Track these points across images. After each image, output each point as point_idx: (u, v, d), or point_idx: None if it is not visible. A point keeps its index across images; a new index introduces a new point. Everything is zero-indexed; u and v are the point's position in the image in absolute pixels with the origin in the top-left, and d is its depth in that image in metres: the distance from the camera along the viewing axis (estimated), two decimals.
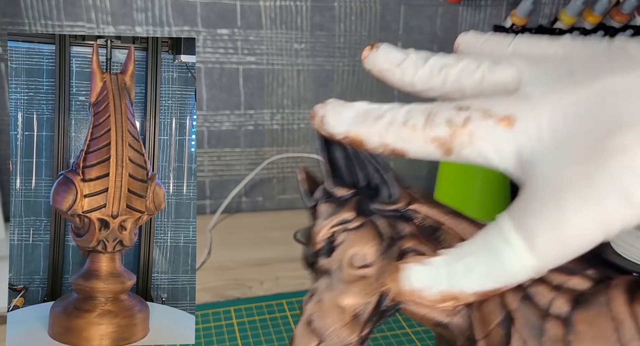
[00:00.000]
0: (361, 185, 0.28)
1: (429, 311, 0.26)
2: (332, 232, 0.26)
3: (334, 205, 0.27)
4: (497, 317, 0.25)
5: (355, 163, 0.28)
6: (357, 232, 0.26)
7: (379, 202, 0.27)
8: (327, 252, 0.27)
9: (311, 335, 0.25)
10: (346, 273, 0.26)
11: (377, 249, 0.26)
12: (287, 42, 0.85)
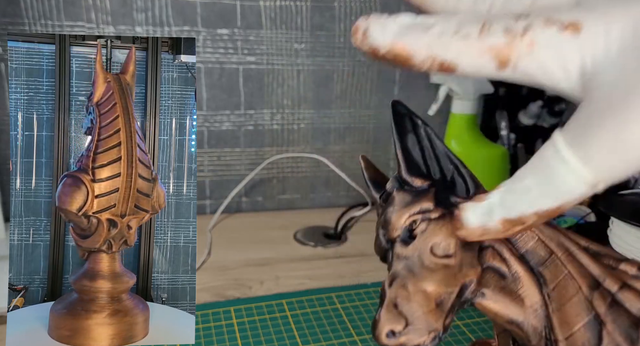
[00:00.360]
0: (436, 178, 0.28)
1: (504, 308, 0.26)
2: (412, 220, 0.27)
3: (412, 195, 0.27)
4: (582, 319, 0.25)
5: (431, 154, 0.28)
6: (439, 222, 0.26)
7: (458, 196, 0.27)
8: (406, 239, 0.27)
9: (398, 317, 0.25)
10: (429, 260, 0.26)
11: (459, 241, 0.26)
12: (287, 42, 0.85)
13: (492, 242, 0.26)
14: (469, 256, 0.26)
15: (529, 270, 0.26)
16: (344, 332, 0.56)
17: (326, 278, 0.68)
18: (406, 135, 0.28)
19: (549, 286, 0.26)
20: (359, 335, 0.55)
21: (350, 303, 0.62)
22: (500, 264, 0.26)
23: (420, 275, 0.26)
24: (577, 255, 0.26)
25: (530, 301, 0.26)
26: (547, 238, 0.26)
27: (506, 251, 0.26)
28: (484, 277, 0.26)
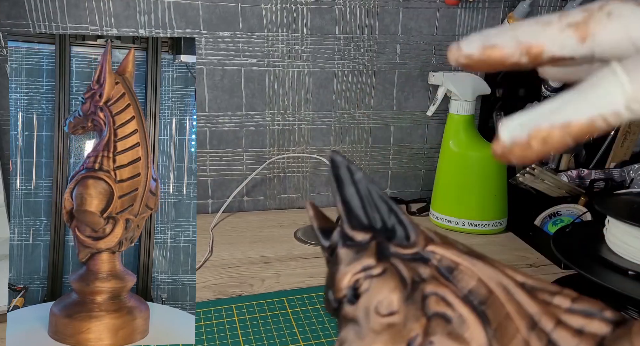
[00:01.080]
0: (377, 227, 0.27)
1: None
2: (355, 279, 0.26)
3: (354, 250, 0.27)
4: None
5: (370, 204, 0.27)
6: (381, 279, 0.26)
7: (397, 245, 0.27)
8: (351, 298, 0.26)
9: None
10: (373, 321, 0.25)
11: (402, 295, 0.25)
12: (288, 44, 0.83)
13: (435, 289, 0.26)
14: (413, 308, 0.25)
15: (473, 310, 0.25)
16: None
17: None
18: (345, 186, 0.27)
19: (492, 326, 0.25)
20: None
21: None
22: (445, 309, 0.25)
23: (367, 338, 0.25)
24: (515, 293, 0.25)
25: (476, 343, 0.25)
26: (486, 277, 0.26)
27: (450, 294, 0.25)
28: (430, 326, 0.25)
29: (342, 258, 0.27)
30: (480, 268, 0.26)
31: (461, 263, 0.26)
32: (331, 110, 0.89)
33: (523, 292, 0.25)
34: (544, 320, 0.24)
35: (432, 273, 0.26)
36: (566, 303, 0.25)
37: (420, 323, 0.25)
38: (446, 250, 0.26)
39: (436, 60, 0.90)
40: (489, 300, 0.25)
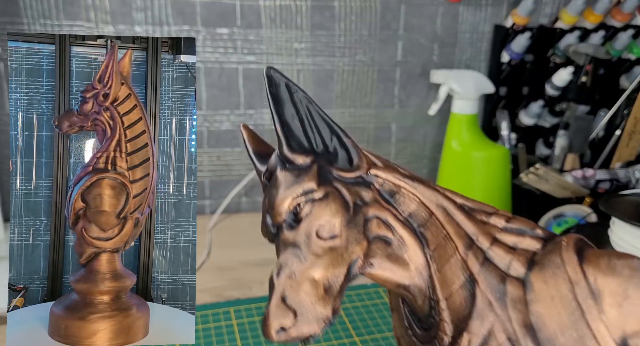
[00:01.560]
0: (318, 150, 0.28)
1: (392, 274, 0.27)
2: (296, 203, 0.26)
3: (295, 174, 0.27)
4: (459, 279, 0.26)
5: (311, 125, 0.27)
6: (323, 203, 0.26)
7: (340, 169, 0.27)
8: (291, 223, 0.27)
9: (286, 311, 0.25)
10: (315, 244, 0.26)
11: (344, 219, 0.26)
12: (287, 41, 0.85)
13: (377, 212, 0.27)
14: (355, 232, 0.26)
15: (413, 233, 0.27)
16: (344, 333, 0.56)
17: None
18: (283, 106, 0.27)
19: (430, 247, 0.27)
20: (359, 335, 0.56)
21: (350, 303, 0.62)
22: (386, 232, 0.27)
23: (308, 262, 0.26)
24: (454, 214, 0.27)
25: (415, 264, 0.27)
26: (426, 199, 0.27)
27: (390, 217, 0.27)
28: (370, 249, 0.27)
29: (281, 182, 0.27)
30: (421, 191, 0.27)
31: (403, 186, 0.27)
32: (331, 108, 0.90)
33: (462, 213, 0.27)
34: (481, 239, 0.26)
35: (374, 197, 0.27)
36: (501, 223, 0.27)
37: (361, 246, 0.26)
38: (388, 173, 0.27)
39: (439, 58, 0.92)
40: (428, 222, 0.27)
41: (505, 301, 0.25)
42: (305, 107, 0.27)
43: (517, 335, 0.24)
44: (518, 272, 0.25)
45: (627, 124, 0.82)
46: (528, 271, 0.25)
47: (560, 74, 0.86)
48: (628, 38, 0.87)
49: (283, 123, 0.27)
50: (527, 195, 0.81)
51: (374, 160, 0.28)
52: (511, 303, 0.25)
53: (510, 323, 0.24)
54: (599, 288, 0.24)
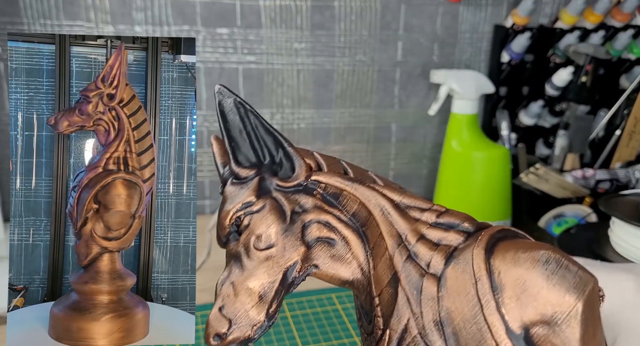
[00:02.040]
0: (265, 162, 0.29)
1: (336, 272, 0.29)
2: (236, 217, 0.28)
3: (238, 187, 0.29)
4: (387, 276, 0.27)
5: (258, 139, 0.29)
6: (260, 214, 0.28)
7: (281, 179, 0.29)
8: (235, 235, 0.29)
9: (222, 320, 0.27)
10: (253, 255, 0.28)
11: (280, 228, 0.28)
12: (287, 41, 0.85)
13: (317, 216, 0.28)
14: (292, 239, 0.28)
15: (356, 232, 0.28)
16: (344, 333, 0.57)
17: None
18: (231, 121, 0.28)
19: (370, 245, 0.28)
20: (359, 335, 0.56)
21: (350, 303, 0.62)
22: (328, 233, 0.28)
23: (246, 272, 0.28)
24: (389, 214, 0.28)
25: (357, 262, 0.29)
26: (365, 200, 0.28)
27: (333, 220, 0.28)
28: (312, 252, 0.28)
29: (227, 196, 0.29)
30: (361, 192, 0.29)
31: (344, 188, 0.29)
32: (331, 108, 0.90)
33: (396, 211, 0.28)
34: (409, 236, 0.27)
35: (314, 203, 0.28)
36: (432, 218, 0.28)
37: (298, 252, 0.28)
38: (330, 177, 0.29)
39: (439, 58, 0.92)
40: (368, 221, 0.28)
41: (420, 298, 0.26)
42: (251, 121, 0.28)
43: (427, 330, 0.25)
44: (436, 269, 0.26)
45: (627, 124, 0.82)
46: (445, 268, 0.26)
47: (560, 74, 0.86)
48: (628, 38, 0.87)
49: (230, 138, 0.29)
50: (527, 195, 0.82)
51: (321, 164, 0.30)
52: (425, 299, 0.26)
53: (422, 319, 0.26)
54: (502, 282, 0.24)
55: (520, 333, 0.24)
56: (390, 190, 0.29)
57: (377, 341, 0.28)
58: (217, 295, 0.28)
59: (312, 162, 0.29)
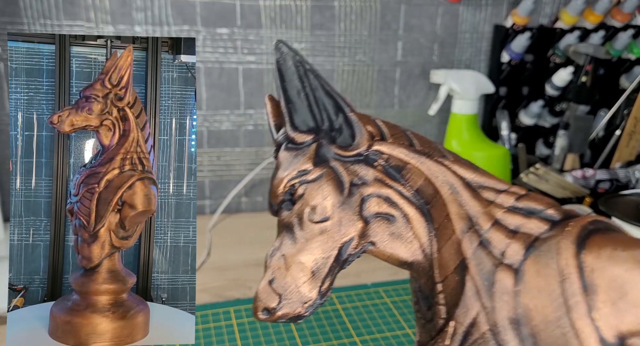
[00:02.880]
0: (323, 127, 0.27)
1: (394, 251, 0.26)
2: (291, 185, 0.26)
3: (293, 154, 0.26)
4: (454, 262, 0.25)
5: (317, 102, 0.26)
6: (316, 184, 0.26)
7: (340, 147, 0.26)
8: (288, 204, 0.26)
9: (272, 294, 0.26)
10: (306, 228, 0.26)
11: (337, 200, 0.26)
12: (287, 41, 0.85)
13: (377, 190, 0.26)
14: (349, 213, 0.26)
15: (419, 210, 0.26)
16: (343, 333, 0.56)
17: None
18: (290, 82, 0.26)
19: (434, 225, 0.26)
20: (359, 335, 0.56)
21: (350, 303, 0.62)
22: (388, 209, 0.26)
23: (298, 245, 0.26)
24: (459, 193, 0.25)
25: (419, 242, 0.26)
26: (432, 176, 0.26)
27: (395, 194, 0.26)
28: (370, 228, 0.26)
29: (282, 162, 0.27)
30: (428, 166, 0.26)
31: (409, 161, 0.26)
32: None
33: (468, 191, 0.25)
34: (481, 220, 0.24)
35: (375, 175, 0.26)
36: (509, 201, 0.25)
37: (355, 227, 0.26)
38: (394, 148, 0.26)
39: (438, 58, 0.92)
40: (434, 199, 0.26)
41: (492, 291, 0.23)
42: (311, 82, 0.26)
43: (500, 327, 0.23)
44: (512, 259, 0.23)
45: (627, 124, 0.82)
46: (523, 259, 0.23)
47: (560, 74, 0.86)
48: (628, 38, 0.87)
49: (287, 99, 0.26)
50: None
51: (384, 133, 0.27)
52: (498, 293, 0.23)
53: (494, 315, 0.23)
54: (595, 282, 0.21)
55: (615, 343, 0.21)
56: (461, 166, 0.26)
57: (439, 330, 0.25)
58: (266, 267, 0.26)
59: (374, 130, 0.27)
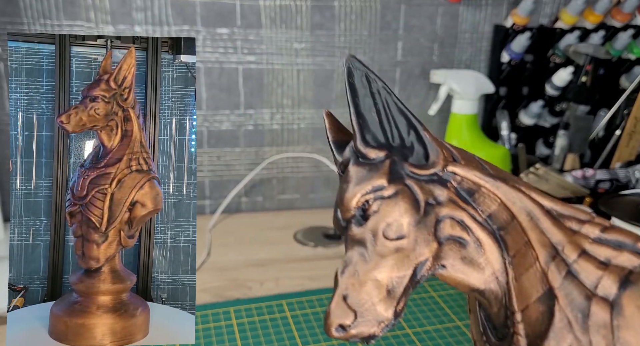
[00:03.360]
0: (394, 144, 0.26)
1: (465, 277, 0.25)
2: (365, 200, 0.25)
3: (366, 169, 0.26)
4: (537, 292, 0.24)
5: (388, 118, 0.26)
6: (392, 201, 0.25)
7: (414, 165, 0.26)
8: (359, 219, 0.25)
9: (347, 311, 0.24)
10: (381, 244, 0.25)
11: (413, 219, 0.25)
12: (287, 41, 0.85)
13: (451, 212, 0.25)
14: (424, 233, 0.25)
15: (491, 235, 0.25)
16: None
17: (326, 279, 0.67)
18: (360, 97, 0.26)
19: (509, 253, 0.25)
20: None
21: None
22: (461, 233, 0.25)
23: (372, 262, 0.25)
24: (539, 220, 0.24)
25: (491, 269, 0.25)
26: (509, 201, 0.25)
27: (467, 218, 0.25)
28: (442, 250, 0.25)
29: (352, 177, 0.26)
30: (504, 191, 0.25)
31: (483, 185, 0.25)
32: (331, 108, 0.90)
33: (548, 219, 0.24)
34: (567, 250, 0.23)
35: (449, 196, 0.25)
36: (595, 233, 0.24)
37: (430, 247, 0.25)
38: (468, 171, 0.25)
39: (438, 58, 0.91)
40: (509, 225, 0.25)
41: (587, 324, 0.22)
42: (383, 99, 0.26)
43: None
44: (607, 292, 0.22)
45: (627, 124, 0.82)
46: (619, 292, 0.22)
47: (560, 74, 0.85)
48: (628, 38, 0.87)
49: (359, 115, 0.26)
50: None
51: (455, 155, 0.26)
52: (594, 326, 0.22)
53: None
54: None
55: None
56: (538, 193, 0.25)
57: None
58: (338, 283, 0.25)
59: (446, 151, 0.26)
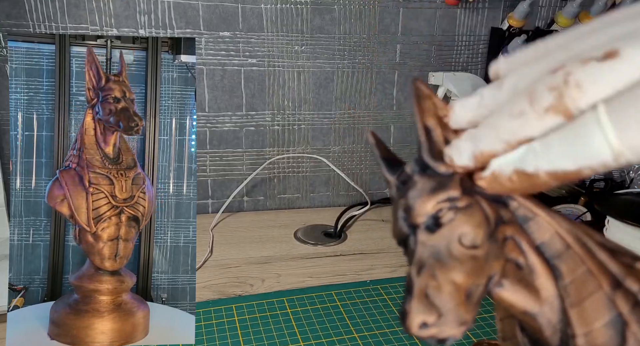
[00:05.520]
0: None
1: (520, 298, 0.25)
2: (439, 208, 0.25)
3: (436, 180, 0.25)
4: (604, 317, 0.23)
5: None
6: (466, 212, 0.24)
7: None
8: (431, 226, 0.25)
9: (430, 308, 0.24)
10: (457, 250, 0.24)
11: (486, 232, 0.24)
12: (288, 44, 0.83)
13: (513, 234, 0.25)
14: (495, 247, 0.25)
15: (545, 262, 0.25)
16: (343, 329, 0.55)
17: (326, 276, 0.67)
18: (427, 115, 0.26)
19: (565, 279, 0.25)
20: (358, 332, 0.54)
21: (350, 300, 0.61)
22: (518, 256, 0.25)
23: (449, 265, 0.24)
24: (595, 251, 0.24)
25: (546, 294, 0.25)
26: (564, 231, 0.25)
27: (525, 242, 0.25)
28: (505, 268, 0.25)
29: (422, 186, 0.26)
30: (558, 221, 0.25)
31: (539, 214, 0.25)
32: (331, 110, 0.88)
33: (604, 252, 0.24)
34: (629, 281, 0.23)
35: (510, 218, 0.25)
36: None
37: (499, 262, 0.25)
38: (525, 199, 0.25)
39: (436, 60, 0.90)
40: (564, 254, 0.25)
41: None
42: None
43: None
44: None
45: None
46: None
47: None
48: None
49: (427, 130, 0.26)
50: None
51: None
52: None
53: None
54: None
55: None
56: (587, 228, 0.25)
57: None
58: (413, 283, 0.24)
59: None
